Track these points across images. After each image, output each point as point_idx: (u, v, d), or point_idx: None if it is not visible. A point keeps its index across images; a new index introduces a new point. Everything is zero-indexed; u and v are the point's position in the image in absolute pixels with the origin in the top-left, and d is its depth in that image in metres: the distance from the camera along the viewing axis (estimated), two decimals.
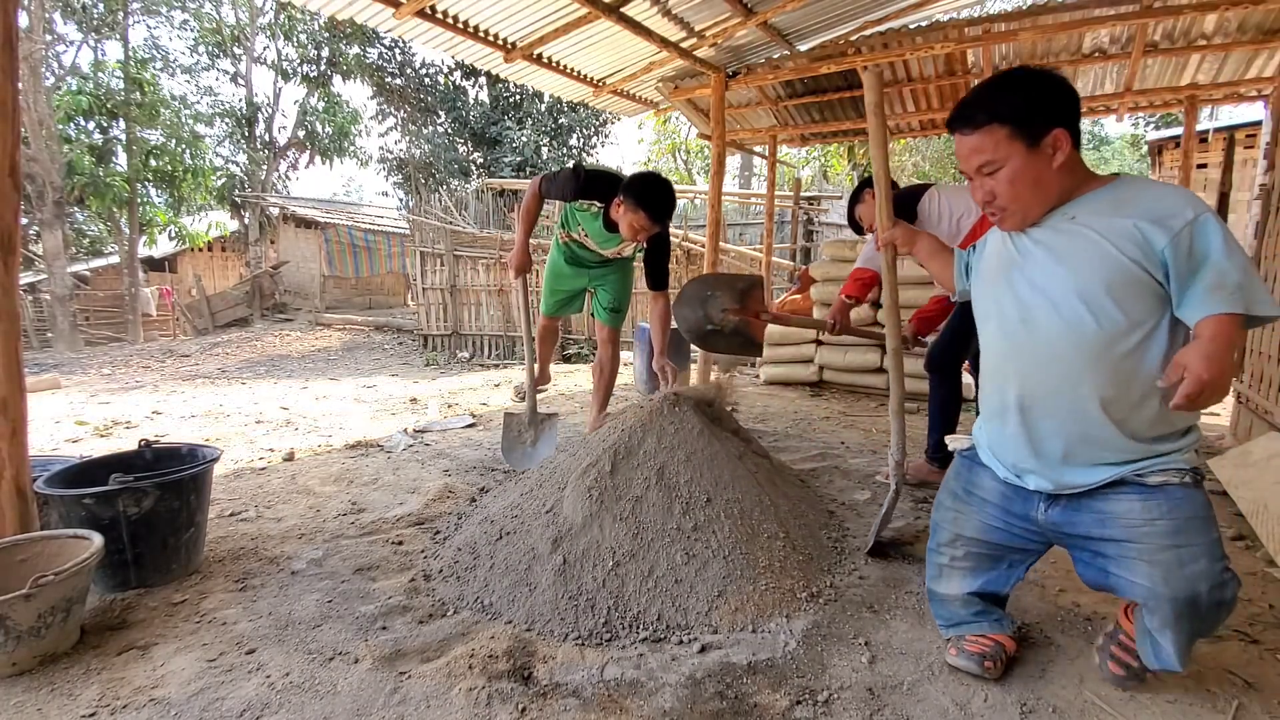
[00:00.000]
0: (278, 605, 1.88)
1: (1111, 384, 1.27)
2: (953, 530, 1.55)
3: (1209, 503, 1.26)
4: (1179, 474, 1.26)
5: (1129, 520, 1.27)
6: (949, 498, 1.58)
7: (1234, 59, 4.56)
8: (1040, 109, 1.32)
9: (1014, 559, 1.51)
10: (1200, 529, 1.23)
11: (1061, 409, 1.32)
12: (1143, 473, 1.27)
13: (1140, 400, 1.26)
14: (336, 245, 17.70)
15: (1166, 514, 1.24)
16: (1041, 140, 1.31)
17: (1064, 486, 1.34)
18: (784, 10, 4.44)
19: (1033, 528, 1.43)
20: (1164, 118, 16.47)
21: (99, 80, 14.09)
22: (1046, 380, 1.34)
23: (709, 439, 2.24)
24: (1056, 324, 1.32)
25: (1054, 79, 1.34)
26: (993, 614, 1.57)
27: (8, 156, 1.88)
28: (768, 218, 6.88)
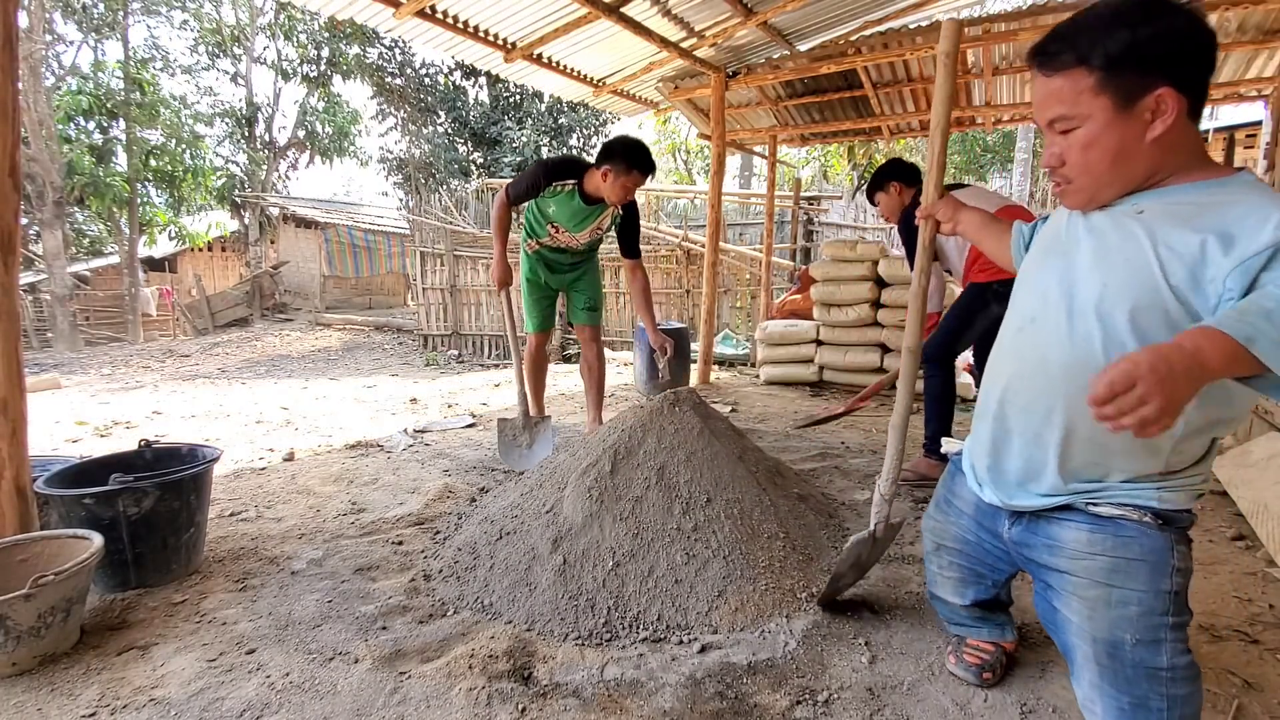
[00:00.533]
0: (278, 605, 1.88)
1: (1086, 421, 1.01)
2: (934, 540, 1.46)
3: (1172, 550, 1.05)
4: (1139, 510, 1.06)
5: (1074, 550, 1.11)
6: (934, 505, 1.48)
7: (1234, 59, 4.56)
8: (1147, 57, 0.95)
9: (991, 578, 1.39)
10: (1143, 575, 1.04)
11: (1029, 429, 1.15)
12: (1096, 500, 1.09)
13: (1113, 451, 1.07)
14: (336, 245, 17.71)
15: (1109, 550, 1.06)
16: (1139, 101, 0.97)
17: (1011, 506, 1.22)
18: (784, 10, 4.45)
19: (1001, 545, 1.30)
20: None
21: (99, 80, 14.10)
22: (1026, 393, 1.15)
23: (709, 439, 2.24)
24: (1060, 334, 1.08)
25: (1184, 17, 0.96)
26: (995, 619, 1.50)
27: (8, 156, 1.88)
28: (768, 218, 6.88)
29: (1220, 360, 0.81)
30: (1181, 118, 0.98)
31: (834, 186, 11.96)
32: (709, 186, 5.60)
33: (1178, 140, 0.99)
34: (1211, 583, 2.02)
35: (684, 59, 4.83)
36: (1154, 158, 1.00)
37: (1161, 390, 0.78)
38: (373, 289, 18.29)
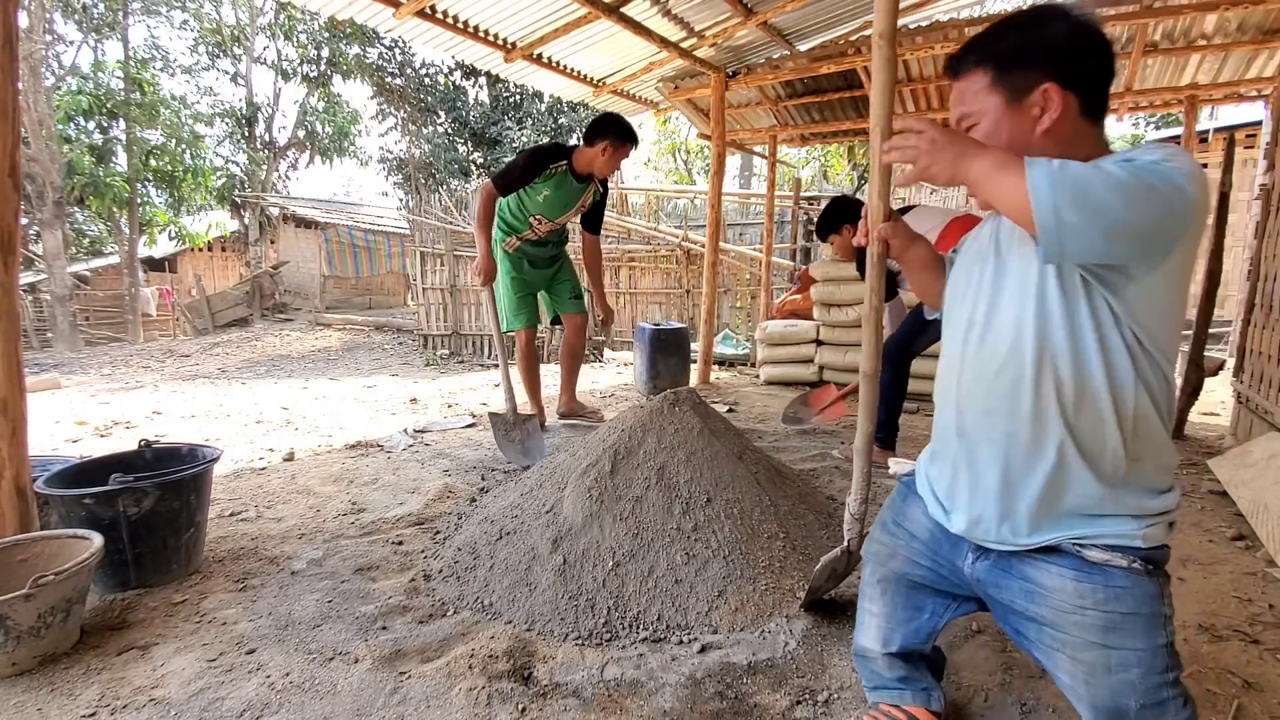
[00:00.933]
0: (278, 605, 1.88)
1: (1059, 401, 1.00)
2: (874, 565, 1.32)
3: (1162, 596, 0.98)
4: (1127, 555, 0.98)
5: (1059, 601, 1.00)
6: (878, 529, 1.34)
7: (1234, 59, 4.56)
8: (1033, 56, 1.03)
9: (936, 607, 1.25)
10: (1140, 631, 0.96)
11: (1000, 433, 1.07)
12: (1084, 543, 1.00)
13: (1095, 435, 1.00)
14: (336, 245, 17.72)
15: (1100, 604, 0.97)
16: (1026, 96, 1.03)
17: (988, 537, 1.09)
18: (784, 10, 4.45)
19: (959, 576, 1.18)
20: (1164, 118, 16.49)
21: (99, 80, 14.11)
22: (986, 394, 1.08)
23: (709, 439, 2.24)
24: (998, 319, 1.07)
25: (1071, 21, 1.03)
26: (919, 682, 1.32)
27: (8, 156, 1.88)
28: (768, 218, 6.88)
29: (990, 162, 0.95)
30: (1071, 113, 1.03)
31: (834, 187, 11.96)
32: (709, 186, 5.60)
33: (1073, 135, 1.03)
34: (1211, 583, 2.02)
35: (684, 59, 4.83)
36: (1049, 152, 0.99)
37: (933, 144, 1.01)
38: (373, 289, 18.30)
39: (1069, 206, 0.86)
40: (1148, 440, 0.98)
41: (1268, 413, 3.19)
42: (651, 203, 10.73)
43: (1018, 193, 0.89)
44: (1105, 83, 1.05)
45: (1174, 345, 0.99)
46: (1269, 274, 3.48)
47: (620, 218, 9.66)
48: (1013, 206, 0.93)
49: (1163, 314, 0.96)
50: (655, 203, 10.82)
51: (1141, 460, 0.99)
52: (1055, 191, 0.86)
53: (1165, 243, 0.90)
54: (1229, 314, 7.99)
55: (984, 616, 1.74)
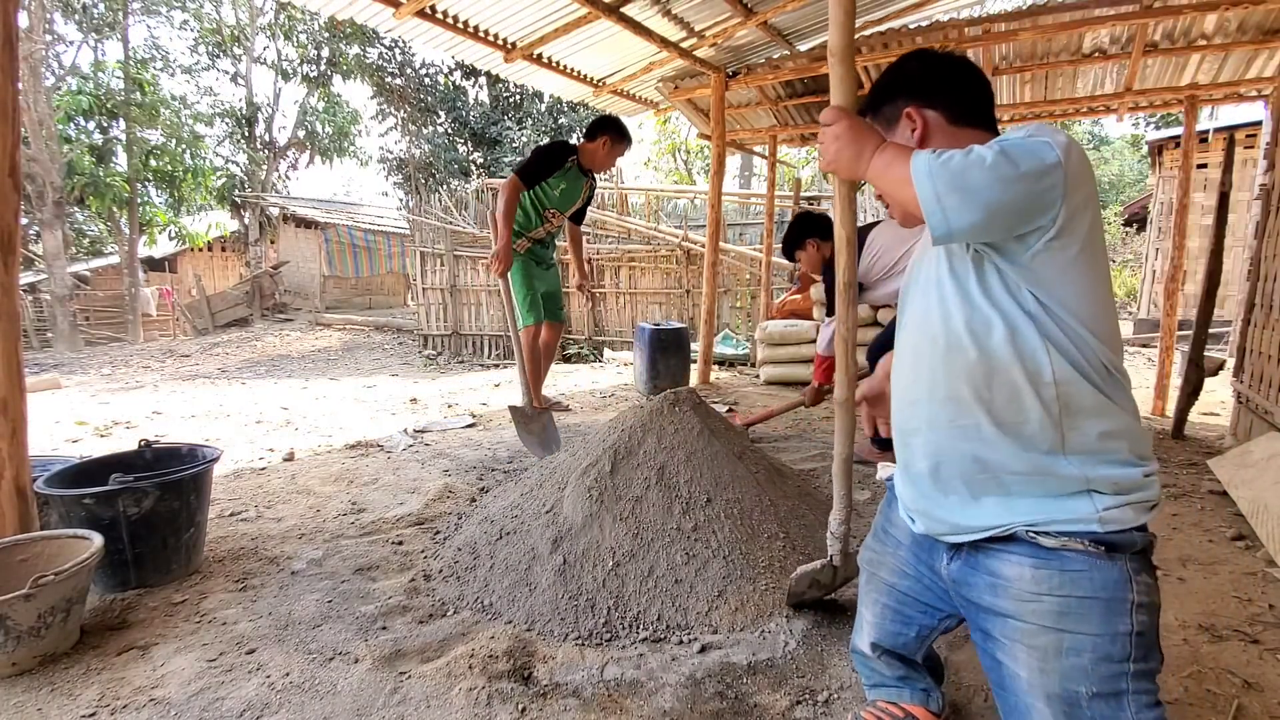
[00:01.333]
0: (278, 605, 1.88)
1: (970, 379, 1.01)
2: (869, 570, 1.32)
3: (1128, 582, 0.94)
4: (1082, 539, 0.95)
5: (1018, 590, 0.98)
6: (871, 536, 1.35)
7: (1234, 59, 4.56)
8: (888, 89, 1.19)
9: (924, 621, 1.22)
10: (1096, 615, 0.93)
11: (923, 421, 1.08)
12: (1038, 529, 0.97)
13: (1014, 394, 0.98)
14: (336, 245, 17.73)
15: (1055, 589, 0.95)
16: (897, 124, 1.17)
17: (940, 526, 1.09)
18: (784, 10, 4.45)
19: (940, 583, 1.16)
20: (1164, 118, 16.49)
21: (99, 80, 14.10)
22: (910, 384, 1.12)
23: (709, 439, 2.24)
24: (914, 313, 1.13)
25: (909, 57, 1.21)
26: (919, 682, 1.31)
27: (8, 156, 1.88)
28: (768, 218, 6.88)
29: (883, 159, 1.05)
30: (939, 124, 1.14)
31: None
32: (709, 186, 5.60)
33: (950, 143, 1.07)
34: (1211, 583, 2.02)
35: (684, 59, 4.83)
36: None
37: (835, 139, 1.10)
38: (373, 289, 18.30)
39: (947, 190, 0.92)
40: (1079, 405, 0.96)
41: (1268, 413, 3.19)
42: (651, 203, 10.73)
43: (905, 183, 0.97)
44: (966, 93, 1.16)
45: (1099, 311, 0.98)
46: (1269, 274, 3.48)
47: (620, 218, 9.66)
48: (903, 197, 1.00)
49: (1073, 280, 0.96)
50: (655, 203, 10.81)
51: (1080, 428, 0.96)
52: (934, 178, 0.93)
53: (1043, 211, 0.93)
54: (1229, 314, 7.99)
55: None
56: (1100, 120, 18.77)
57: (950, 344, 1.03)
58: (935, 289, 1.08)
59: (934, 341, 1.06)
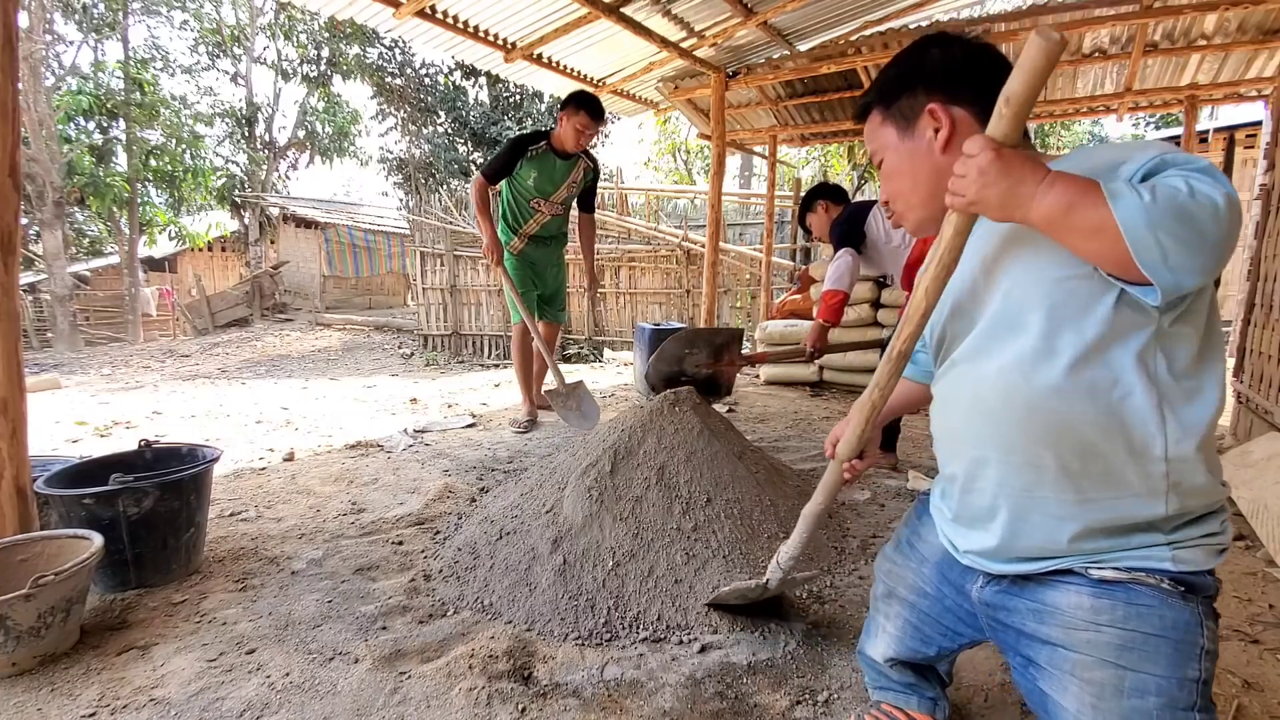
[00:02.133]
0: (278, 605, 1.88)
1: (1058, 447, 0.89)
2: (887, 584, 1.25)
3: (1199, 626, 0.85)
4: (1154, 575, 0.86)
5: (1071, 619, 0.90)
6: (892, 546, 1.27)
7: (1234, 59, 4.57)
8: (910, 81, 1.03)
9: (939, 643, 1.16)
10: (1165, 657, 0.84)
11: (992, 483, 0.96)
12: (1102, 563, 0.89)
13: (1108, 469, 0.87)
14: (336, 245, 17.72)
15: (1118, 620, 0.86)
16: (916, 122, 1.02)
17: (992, 570, 1.01)
18: (784, 10, 4.45)
19: (966, 605, 1.08)
20: (1164, 118, 16.49)
21: (99, 80, 14.11)
22: (976, 441, 0.98)
23: (709, 439, 2.24)
24: (977, 356, 0.97)
25: (929, 42, 1.03)
26: (926, 691, 1.27)
27: (8, 156, 1.88)
28: (768, 218, 6.88)
29: (1060, 198, 0.77)
30: (967, 126, 0.99)
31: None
32: (709, 186, 5.60)
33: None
34: None
35: (684, 59, 4.83)
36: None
37: (981, 174, 0.81)
38: (373, 289, 18.30)
39: (1174, 244, 0.72)
40: (1191, 484, 0.86)
41: (1268, 413, 3.19)
42: (651, 203, 10.74)
43: (1100, 234, 0.75)
44: (997, 86, 0.90)
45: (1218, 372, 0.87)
46: (1269, 274, 3.48)
47: (620, 218, 9.66)
48: (1092, 249, 0.77)
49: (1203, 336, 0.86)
50: (655, 203, 10.82)
51: (1184, 502, 0.86)
52: (1156, 228, 0.72)
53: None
54: (1229, 314, 7.99)
55: None
56: (1100, 120, 18.78)
57: (1035, 402, 0.88)
58: (1015, 330, 0.90)
59: (1011, 395, 0.91)
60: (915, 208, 1.08)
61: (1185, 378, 0.84)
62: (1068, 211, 0.77)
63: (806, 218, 3.36)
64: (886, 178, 1.11)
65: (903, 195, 1.09)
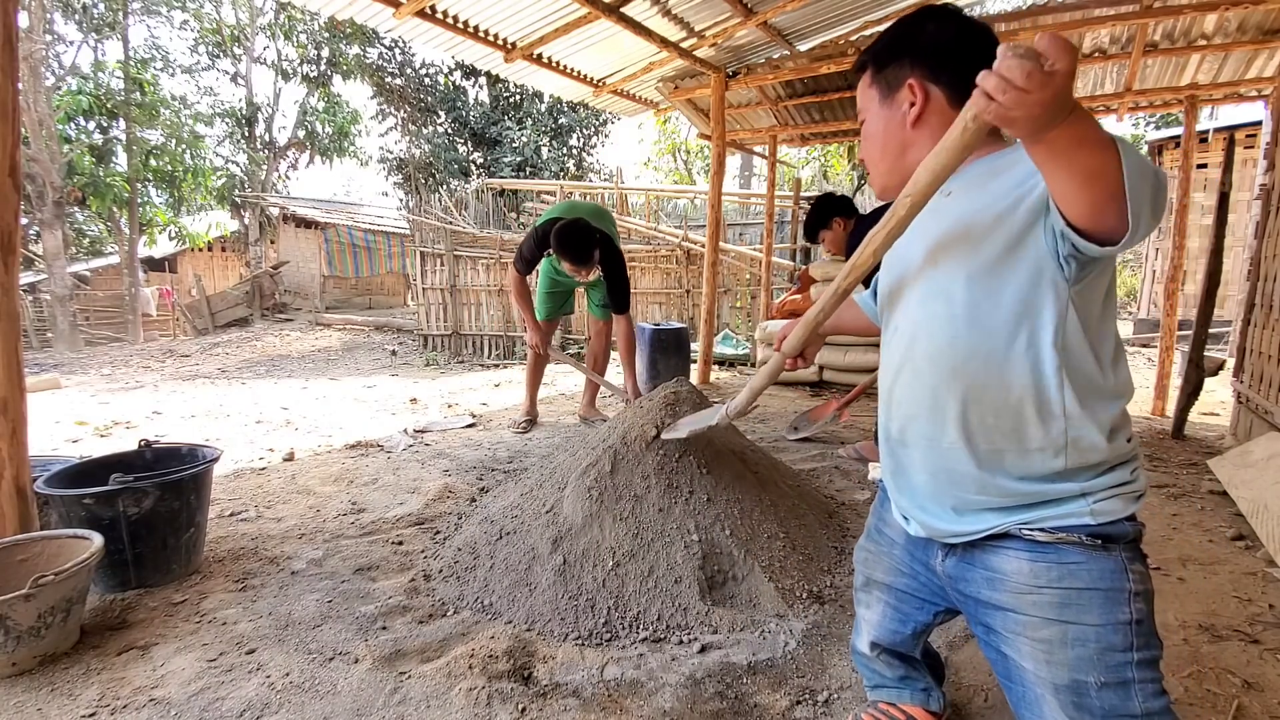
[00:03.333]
0: (278, 605, 1.88)
1: (976, 404, 0.97)
2: (864, 572, 1.30)
3: (1124, 571, 0.93)
4: (1077, 532, 0.94)
5: (1016, 583, 0.98)
6: (864, 537, 1.33)
7: (1234, 59, 4.56)
8: (899, 53, 1.06)
9: (921, 616, 1.22)
10: (1097, 606, 0.92)
11: (921, 437, 1.04)
12: (1031, 525, 0.96)
13: (1014, 426, 0.95)
14: (336, 245, 17.70)
15: (1054, 581, 0.94)
16: (897, 92, 1.06)
17: (936, 533, 1.07)
18: (784, 10, 4.45)
19: (935, 580, 1.15)
20: (1164, 118, 16.48)
21: (99, 80, 14.09)
22: (908, 400, 1.06)
23: (709, 438, 2.24)
24: (911, 325, 1.05)
25: (925, 15, 1.06)
26: (918, 682, 1.32)
27: (8, 156, 1.88)
28: (768, 218, 6.88)
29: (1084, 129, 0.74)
30: (939, 105, 1.04)
31: (834, 186, 11.96)
32: (709, 186, 5.60)
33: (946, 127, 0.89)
34: (1211, 583, 2.02)
35: (684, 59, 4.83)
36: (926, 146, 0.93)
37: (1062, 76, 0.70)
38: (373, 289, 18.30)
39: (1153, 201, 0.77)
40: (1088, 442, 0.94)
41: (1268, 413, 3.19)
42: (651, 203, 10.74)
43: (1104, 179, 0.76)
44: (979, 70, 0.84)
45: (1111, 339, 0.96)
46: (1269, 274, 3.48)
47: (620, 218, 9.65)
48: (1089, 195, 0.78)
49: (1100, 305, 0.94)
50: (655, 203, 10.82)
51: (1084, 456, 0.94)
52: (1145, 176, 0.76)
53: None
54: (1229, 314, 7.99)
55: None
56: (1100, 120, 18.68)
57: (957, 365, 0.97)
58: (943, 301, 0.98)
59: (936, 358, 1.00)
60: (882, 173, 1.14)
61: (1084, 346, 0.92)
62: (1079, 144, 0.76)
63: (821, 234, 3.27)
64: (864, 138, 1.15)
65: (872, 159, 1.15)
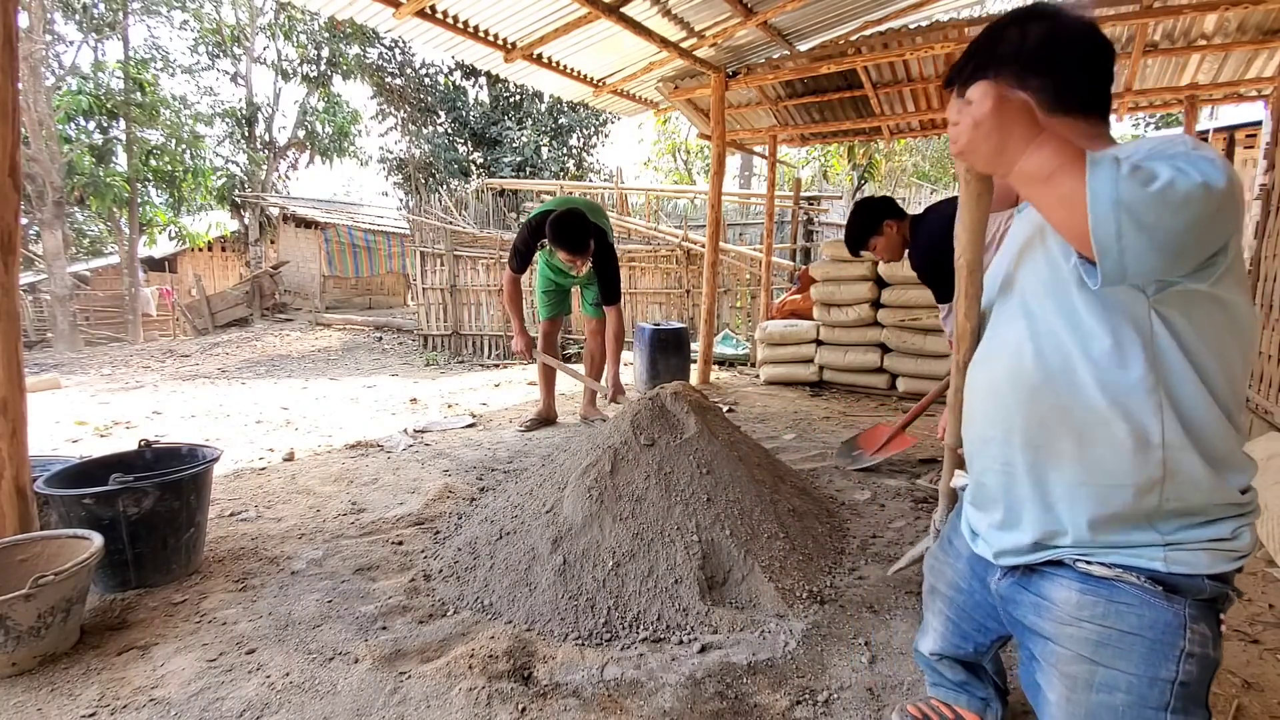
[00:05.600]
0: (278, 605, 1.88)
1: (1050, 429, 0.91)
2: (931, 580, 1.28)
3: (1179, 631, 0.84)
4: (1139, 574, 0.86)
5: (1061, 613, 0.92)
6: (937, 544, 1.30)
7: (1234, 59, 4.56)
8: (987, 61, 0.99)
9: (978, 640, 1.18)
10: (1138, 654, 0.85)
11: (996, 460, 1.00)
12: (1089, 558, 0.90)
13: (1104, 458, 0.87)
14: (336, 245, 17.69)
15: (1098, 617, 0.87)
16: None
17: (1001, 553, 1.03)
18: (784, 10, 4.45)
19: (991, 599, 1.11)
20: (1164, 118, 16.48)
21: (99, 80, 14.08)
22: (985, 420, 1.02)
23: (709, 439, 2.24)
24: (995, 343, 1.00)
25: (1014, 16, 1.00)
26: (978, 691, 1.29)
27: (8, 156, 1.88)
28: (768, 218, 6.88)
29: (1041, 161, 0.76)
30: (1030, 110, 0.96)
31: (834, 186, 11.96)
32: (709, 186, 5.60)
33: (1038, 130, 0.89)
34: None
35: (684, 59, 4.83)
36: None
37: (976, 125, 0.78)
38: (373, 289, 18.30)
39: (1135, 229, 0.72)
40: (1188, 475, 0.85)
41: (1268, 413, 3.19)
42: (651, 203, 10.73)
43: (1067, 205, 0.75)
44: (1077, 71, 0.93)
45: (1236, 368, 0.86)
46: (1269, 274, 3.48)
47: (620, 218, 9.65)
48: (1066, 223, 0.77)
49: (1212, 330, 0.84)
50: (655, 203, 10.81)
51: (1183, 497, 0.85)
52: (1121, 209, 0.71)
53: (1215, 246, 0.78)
54: None
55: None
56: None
57: (1037, 386, 0.90)
58: (1023, 318, 0.93)
59: (1016, 379, 0.93)
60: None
61: (1188, 365, 0.82)
62: (1049, 177, 0.76)
63: (871, 241, 2.73)
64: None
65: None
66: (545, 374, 4.07)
